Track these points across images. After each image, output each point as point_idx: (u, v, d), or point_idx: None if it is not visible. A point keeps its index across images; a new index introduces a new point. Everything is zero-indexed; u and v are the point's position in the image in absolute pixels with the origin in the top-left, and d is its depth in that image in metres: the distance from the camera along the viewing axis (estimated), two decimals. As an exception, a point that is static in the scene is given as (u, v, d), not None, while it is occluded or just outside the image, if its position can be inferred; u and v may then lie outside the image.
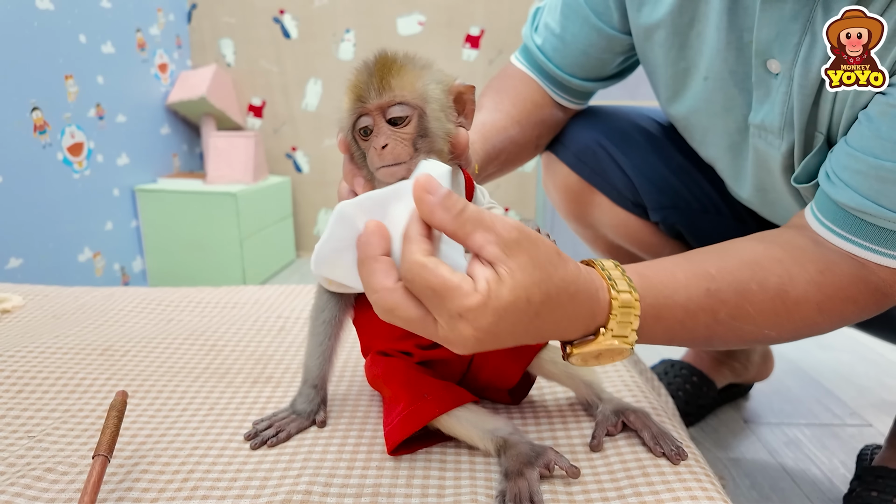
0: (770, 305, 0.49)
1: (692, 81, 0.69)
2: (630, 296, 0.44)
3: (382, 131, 0.43)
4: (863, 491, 0.74)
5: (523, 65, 0.81)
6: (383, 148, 0.42)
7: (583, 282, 0.42)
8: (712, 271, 0.49)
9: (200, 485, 0.46)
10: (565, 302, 0.40)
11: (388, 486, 0.46)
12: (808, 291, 0.49)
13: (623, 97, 1.77)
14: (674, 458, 0.48)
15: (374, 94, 0.43)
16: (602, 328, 0.44)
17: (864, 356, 1.32)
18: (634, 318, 0.44)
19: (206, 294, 0.91)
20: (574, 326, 0.43)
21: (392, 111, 0.43)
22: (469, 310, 0.36)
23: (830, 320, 0.51)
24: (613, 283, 0.44)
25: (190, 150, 2.29)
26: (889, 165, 0.48)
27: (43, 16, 1.57)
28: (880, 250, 0.50)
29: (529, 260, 0.38)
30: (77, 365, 0.65)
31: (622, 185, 0.87)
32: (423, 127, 0.43)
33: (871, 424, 1.05)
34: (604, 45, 0.75)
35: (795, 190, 0.65)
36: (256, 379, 0.64)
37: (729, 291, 0.48)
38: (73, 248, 1.71)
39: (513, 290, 0.37)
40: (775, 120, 0.60)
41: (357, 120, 0.44)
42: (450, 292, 0.36)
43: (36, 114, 1.55)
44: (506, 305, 0.37)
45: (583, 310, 0.42)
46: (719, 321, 0.48)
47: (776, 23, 0.56)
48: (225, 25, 2.24)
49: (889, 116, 0.48)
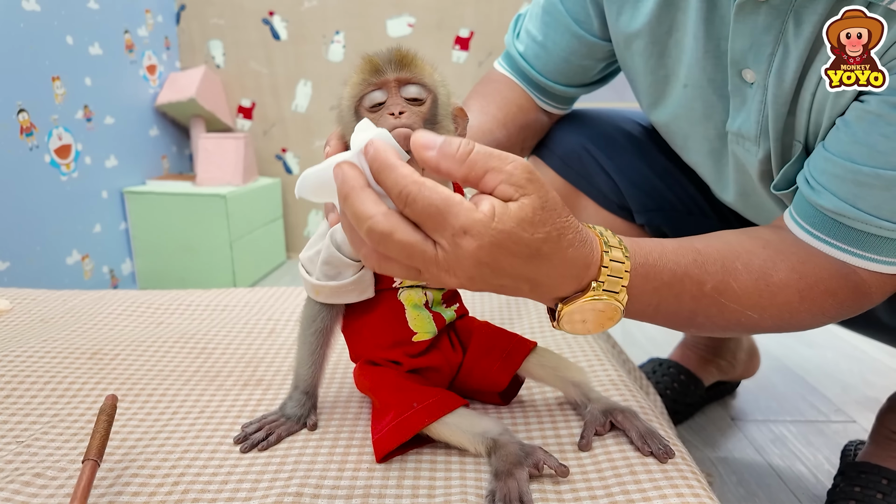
0: (753, 286, 0.50)
1: (672, 89, 0.70)
2: (620, 252, 0.44)
3: (398, 101, 0.43)
4: (846, 486, 0.75)
5: (507, 70, 0.81)
6: (400, 113, 0.42)
7: (582, 233, 0.42)
8: (699, 246, 0.50)
9: (191, 488, 0.46)
10: (565, 247, 0.40)
11: (378, 487, 0.46)
12: (789, 277, 0.50)
13: (611, 99, 1.79)
14: (661, 457, 0.48)
15: (393, 68, 0.43)
16: (593, 282, 0.43)
17: (848, 353, 1.34)
18: (625, 274, 0.44)
19: (196, 297, 0.90)
20: (567, 278, 0.42)
21: (409, 90, 0.43)
22: (475, 222, 0.35)
23: (811, 311, 0.52)
24: (605, 239, 0.44)
25: (179, 152, 2.28)
26: (866, 170, 0.49)
27: (29, 17, 1.55)
28: (859, 253, 0.51)
29: (538, 198, 0.37)
30: (66, 369, 0.65)
31: (607, 189, 0.88)
32: (433, 112, 0.43)
33: (854, 421, 1.07)
34: (585, 52, 0.76)
35: (775, 196, 0.66)
36: (247, 382, 0.64)
37: (715, 265, 0.49)
38: (62, 251, 1.69)
39: (518, 217, 0.37)
40: (751, 128, 0.61)
41: (367, 95, 0.44)
42: (454, 207, 0.35)
43: (22, 116, 1.54)
44: (510, 230, 0.36)
45: (578, 260, 0.42)
46: (705, 293, 0.49)
47: (749, 34, 0.56)
48: (214, 27, 2.23)
49: (866, 122, 0.49)
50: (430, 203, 0.35)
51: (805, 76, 0.55)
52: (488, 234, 0.36)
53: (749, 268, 0.50)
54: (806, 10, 0.52)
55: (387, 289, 0.51)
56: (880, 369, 1.27)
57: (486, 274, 0.38)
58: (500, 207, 0.36)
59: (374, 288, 0.50)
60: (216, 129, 2.25)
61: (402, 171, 0.36)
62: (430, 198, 0.35)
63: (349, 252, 0.48)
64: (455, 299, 0.51)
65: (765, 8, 0.54)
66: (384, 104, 0.43)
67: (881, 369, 1.27)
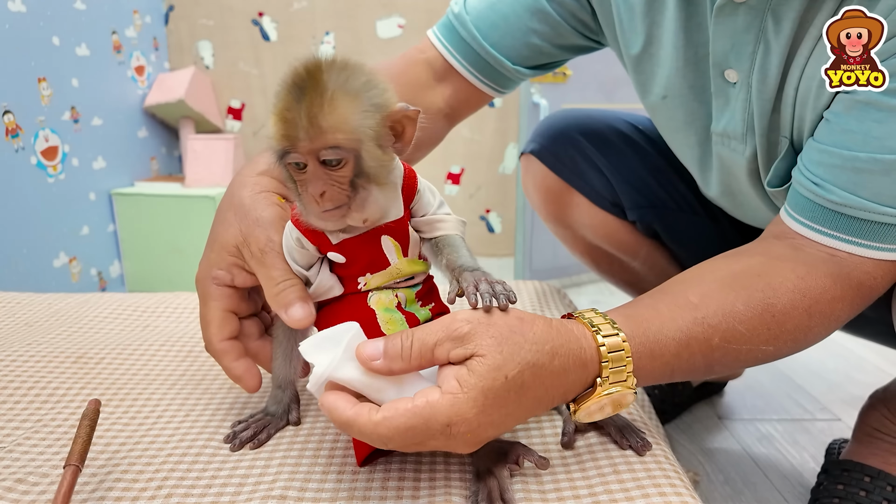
0: (760, 322, 0.49)
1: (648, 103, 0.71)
2: (618, 338, 0.44)
3: (317, 175, 0.40)
4: (829, 484, 0.76)
5: (442, 44, 0.73)
6: (322, 195, 0.40)
7: (558, 335, 0.42)
8: (694, 300, 0.49)
9: (174, 492, 0.46)
10: (547, 362, 0.40)
11: (362, 489, 0.46)
12: (793, 300, 0.49)
13: (600, 100, 1.80)
14: (639, 450, 0.49)
15: (303, 137, 0.39)
16: (598, 378, 0.44)
17: (835, 352, 1.35)
18: (628, 361, 0.44)
19: (184, 299, 0.90)
20: (568, 383, 0.43)
21: (324, 154, 0.39)
22: (451, 409, 0.37)
23: (823, 323, 0.51)
24: (597, 329, 0.44)
25: (168, 153, 2.26)
26: (863, 156, 0.49)
27: (14, 18, 1.54)
28: (862, 242, 0.50)
29: (492, 340, 0.39)
30: (50, 374, 0.65)
31: (600, 186, 0.89)
32: (359, 167, 0.40)
33: (839, 419, 1.08)
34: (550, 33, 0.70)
35: (762, 192, 0.67)
36: (233, 385, 0.64)
37: (717, 316, 0.48)
38: (48, 254, 1.68)
39: (481, 373, 0.38)
40: (737, 126, 0.62)
41: (286, 154, 0.41)
42: (426, 413, 0.37)
43: (8, 117, 1.52)
44: (483, 390, 0.38)
45: (570, 363, 0.42)
46: (714, 347, 0.48)
47: (730, 35, 0.57)
48: (203, 27, 2.22)
49: (857, 110, 0.49)
50: (405, 427, 0.37)
51: (787, 72, 0.55)
52: (468, 407, 0.37)
53: (751, 305, 0.49)
54: (783, 8, 0.53)
55: (354, 292, 0.48)
56: (866, 367, 1.29)
57: (490, 430, 0.40)
58: (463, 375, 0.38)
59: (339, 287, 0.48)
60: (205, 131, 2.23)
61: (361, 421, 0.38)
62: (401, 424, 0.37)
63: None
64: (431, 297, 0.49)
65: (743, 8, 0.55)
66: (305, 171, 0.40)
67: (867, 367, 1.29)
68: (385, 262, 0.46)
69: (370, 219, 0.44)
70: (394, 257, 0.46)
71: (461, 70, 0.73)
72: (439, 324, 0.40)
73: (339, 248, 0.45)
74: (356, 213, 0.42)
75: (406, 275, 0.47)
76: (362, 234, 0.45)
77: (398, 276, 0.47)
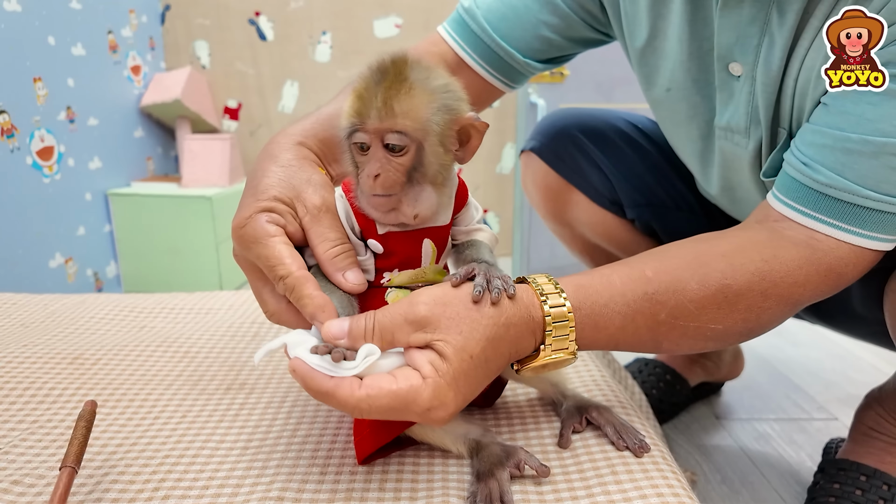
0: (711, 301, 0.49)
1: (652, 95, 0.71)
2: (563, 308, 0.46)
3: (377, 157, 0.41)
4: (826, 483, 0.76)
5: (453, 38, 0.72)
6: (376, 177, 0.41)
7: (510, 305, 0.44)
8: (649, 274, 0.49)
9: (171, 493, 0.45)
10: (503, 334, 0.43)
11: (360, 490, 0.46)
12: (751, 282, 0.50)
13: (597, 100, 1.80)
14: (636, 451, 0.49)
15: (373, 116, 0.41)
16: (542, 344, 0.46)
17: (831, 351, 1.36)
18: (570, 331, 0.46)
19: (180, 300, 0.90)
20: (521, 348, 0.45)
21: (389, 137, 0.41)
22: (430, 402, 0.40)
23: (778, 306, 0.51)
24: (546, 298, 0.46)
25: (164, 154, 2.26)
26: (854, 137, 0.49)
27: (10, 17, 1.53)
28: (842, 226, 0.50)
29: (451, 321, 0.41)
30: (46, 374, 0.64)
31: (600, 184, 0.89)
32: (419, 159, 0.42)
33: (836, 418, 1.09)
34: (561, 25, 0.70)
35: (763, 187, 0.67)
36: (230, 386, 0.64)
37: (667, 293, 0.49)
38: (44, 254, 1.67)
39: (454, 358, 0.41)
40: (741, 120, 0.62)
41: (354, 132, 0.42)
42: (405, 403, 0.39)
43: (3, 117, 1.51)
44: (455, 373, 0.41)
45: (522, 331, 0.45)
46: (660, 322, 0.49)
47: (735, 28, 0.57)
48: (199, 27, 2.21)
49: (853, 94, 0.49)
50: (387, 407, 0.39)
51: (788, 63, 0.56)
52: (446, 391, 0.40)
53: (706, 283, 0.49)
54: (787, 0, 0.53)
55: (376, 286, 0.49)
56: (863, 367, 1.29)
57: (461, 403, 0.42)
58: (435, 360, 0.41)
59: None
60: (202, 130, 2.23)
61: (342, 394, 0.39)
62: (383, 405, 0.39)
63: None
64: None
65: (749, 1, 0.55)
66: (368, 151, 0.42)
67: (863, 367, 1.29)
68: (418, 263, 0.47)
69: (421, 215, 0.44)
70: (427, 261, 0.47)
71: (472, 64, 0.72)
72: (399, 306, 0.42)
73: (382, 238, 0.46)
74: (408, 208, 0.43)
75: (429, 280, 0.48)
76: (408, 232, 0.46)
77: (422, 279, 0.48)
